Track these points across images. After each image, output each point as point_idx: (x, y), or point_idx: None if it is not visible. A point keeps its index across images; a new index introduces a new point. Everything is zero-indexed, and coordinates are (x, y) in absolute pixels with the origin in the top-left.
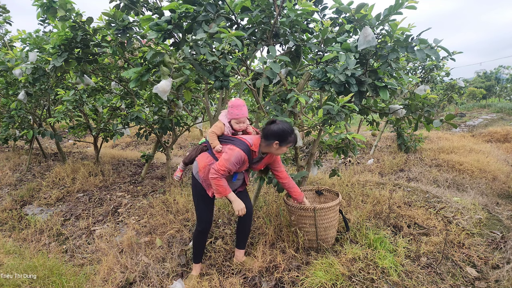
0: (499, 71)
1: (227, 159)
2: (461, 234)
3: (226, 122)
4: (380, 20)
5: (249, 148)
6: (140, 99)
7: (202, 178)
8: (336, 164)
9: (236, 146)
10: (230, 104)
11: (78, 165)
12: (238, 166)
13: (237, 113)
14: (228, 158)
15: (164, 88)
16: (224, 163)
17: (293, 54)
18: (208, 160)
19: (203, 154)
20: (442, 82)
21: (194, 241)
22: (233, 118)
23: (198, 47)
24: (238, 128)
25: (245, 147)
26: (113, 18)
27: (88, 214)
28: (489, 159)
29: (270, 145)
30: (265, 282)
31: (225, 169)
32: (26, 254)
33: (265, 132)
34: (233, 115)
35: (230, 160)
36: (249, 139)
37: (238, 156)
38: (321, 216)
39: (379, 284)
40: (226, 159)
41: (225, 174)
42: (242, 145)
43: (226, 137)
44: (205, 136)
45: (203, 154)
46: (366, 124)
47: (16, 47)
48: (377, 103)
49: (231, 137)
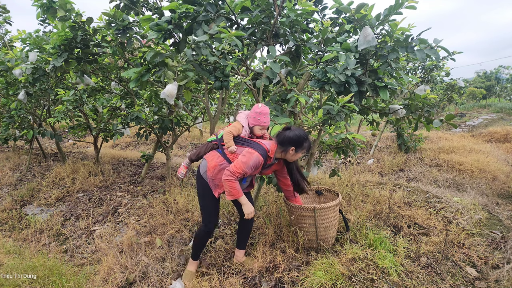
0: (499, 71)
1: (245, 161)
2: (461, 234)
3: (246, 124)
4: (380, 20)
5: (266, 153)
6: (140, 99)
7: (210, 177)
8: (336, 164)
9: (255, 150)
10: (258, 111)
11: (78, 165)
12: (254, 170)
13: (264, 121)
14: (247, 161)
15: (171, 92)
16: (241, 165)
17: (293, 54)
18: (219, 160)
19: (213, 153)
20: (442, 82)
21: (197, 241)
22: (259, 124)
23: (199, 49)
24: (260, 133)
25: (263, 152)
26: (113, 18)
27: (88, 214)
28: (489, 159)
29: (286, 151)
30: (265, 282)
31: (241, 171)
32: (26, 254)
33: (281, 139)
34: (260, 122)
35: (248, 163)
36: (267, 144)
37: (257, 160)
38: (321, 216)
39: (379, 284)
40: (244, 162)
41: (240, 176)
42: (261, 150)
43: (242, 139)
44: (215, 134)
45: (213, 153)
46: (366, 124)
47: (16, 47)
48: (377, 103)
49: (248, 140)
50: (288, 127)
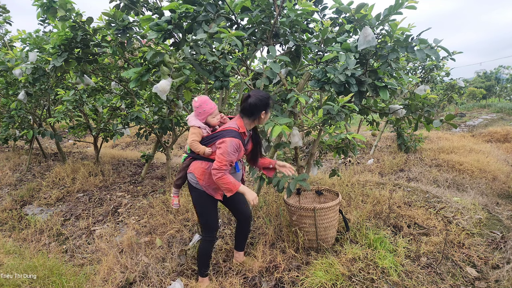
0: (499, 71)
1: (223, 152)
2: (461, 234)
3: (201, 124)
4: (380, 20)
5: (238, 132)
6: (140, 99)
7: (205, 186)
8: (336, 164)
9: (226, 136)
10: (197, 105)
11: (78, 165)
12: (236, 153)
13: (209, 108)
14: (224, 151)
15: (164, 87)
16: (222, 157)
17: (293, 54)
18: (203, 165)
19: (194, 163)
20: (442, 82)
21: (203, 253)
22: (208, 115)
23: (198, 47)
24: (216, 121)
25: (234, 133)
26: (113, 18)
27: (88, 214)
28: (489, 159)
29: (257, 117)
30: (265, 282)
31: (226, 162)
32: (26, 254)
33: (247, 110)
34: (207, 112)
35: (227, 151)
36: (233, 124)
37: (233, 144)
38: (321, 216)
39: (379, 284)
40: (222, 153)
41: (228, 168)
42: (231, 133)
43: (208, 138)
44: (185, 151)
45: (194, 163)
46: (366, 124)
47: (16, 47)
48: (377, 103)
49: (214, 134)
50: (248, 95)
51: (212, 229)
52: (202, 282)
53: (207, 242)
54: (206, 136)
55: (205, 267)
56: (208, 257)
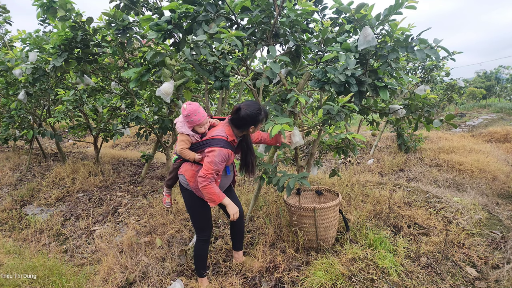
0: (499, 71)
1: (211, 161)
2: (461, 234)
3: (189, 131)
4: (380, 20)
5: (226, 141)
6: (140, 99)
7: (195, 188)
8: (336, 164)
9: (215, 146)
10: (185, 114)
11: (78, 165)
12: (224, 163)
13: (197, 119)
14: (212, 160)
15: (167, 90)
16: (209, 166)
17: (293, 54)
18: (194, 168)
19: (185, 165)
20: (442, 82)
21: (198, 253)
22: (195, 124)
23: (199, 48)
24: (203, 130)
25: (223, 143)
26: (113, 18)
27: (88, 214)
28: (489, 159)
29: (246, 131)
30: (265, 282)
31: (212, 172)
32: (26, 254)
33: (236, 123)
34: (195, 122)
35: (214, 161)
36: (221, 133)
37: (222, 154)
38: (321, 216)
39: (379, 284)
40: (210, 162)
41: (214, 177)
42: (220, 143)
43: (197, 144)
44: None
45: (185, 165)
46: (366, 124)
47: (16, 47)
48: (377, 103)
49: (203, 141)
50: (238, 108)
51: (205, 228)
52: (201, 283)
53: (202, 242)
54: (195, 142)
55: (202, 267)
56: (205, 257)
